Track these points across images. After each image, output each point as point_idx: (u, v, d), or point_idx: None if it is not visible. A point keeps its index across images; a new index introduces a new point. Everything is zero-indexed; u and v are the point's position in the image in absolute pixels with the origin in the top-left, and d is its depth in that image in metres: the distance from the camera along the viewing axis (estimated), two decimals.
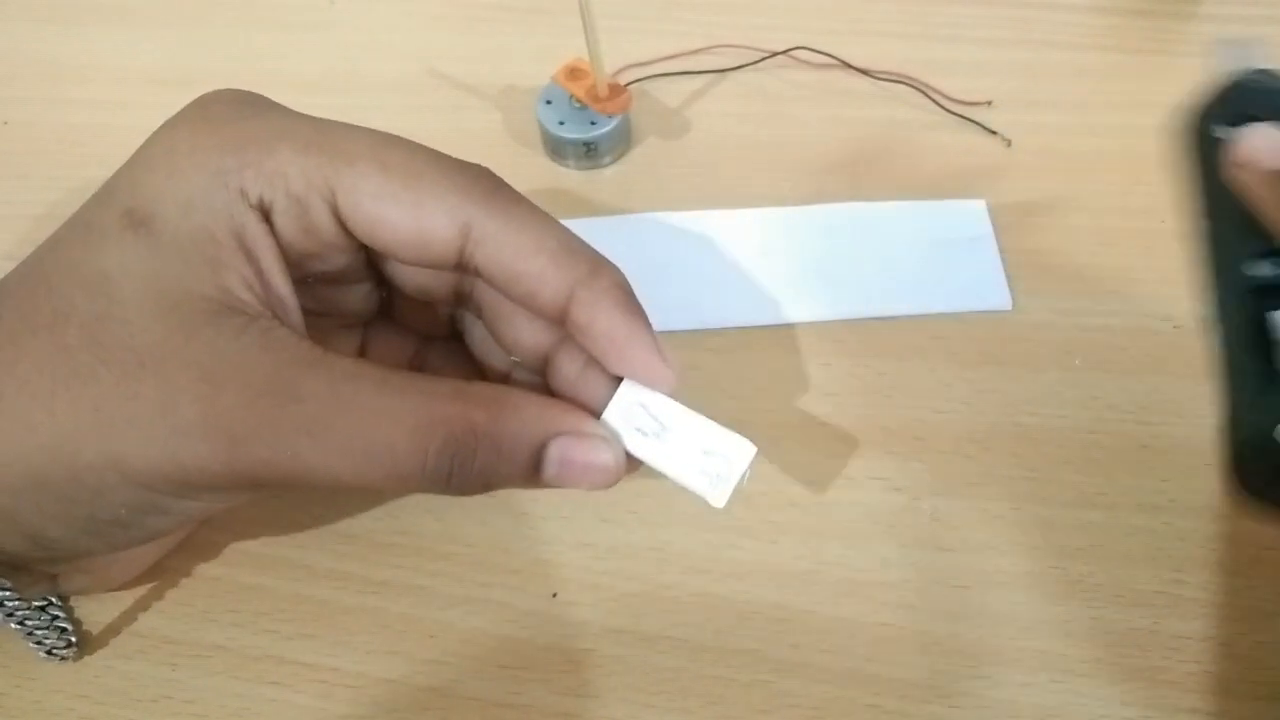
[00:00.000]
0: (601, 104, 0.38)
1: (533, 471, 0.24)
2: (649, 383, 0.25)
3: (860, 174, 0.38)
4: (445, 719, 0.27)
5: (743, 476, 0.25)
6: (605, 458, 0.24)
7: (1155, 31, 0.43)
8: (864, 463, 0.32)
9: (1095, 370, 0.33)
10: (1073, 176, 0.38)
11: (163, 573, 0.30)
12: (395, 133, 0.25)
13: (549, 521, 0.31)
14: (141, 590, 0.29)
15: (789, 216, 0.37)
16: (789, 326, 0.34)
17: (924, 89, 0.41)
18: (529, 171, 0.39)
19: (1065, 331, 0.34)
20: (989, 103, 0.40)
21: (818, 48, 0.41)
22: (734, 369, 0.34)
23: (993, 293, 0.35)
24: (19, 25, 0.45)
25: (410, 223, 0.24)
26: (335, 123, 0.24)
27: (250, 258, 0.23)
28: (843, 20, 0.43)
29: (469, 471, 0.23)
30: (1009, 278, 0.35)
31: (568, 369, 0.26)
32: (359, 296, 0.28)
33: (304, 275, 0.25)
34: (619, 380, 0.25)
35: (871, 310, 0.35)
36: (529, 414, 0.24)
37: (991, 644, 0.28)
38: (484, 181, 0.24)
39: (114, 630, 0.29)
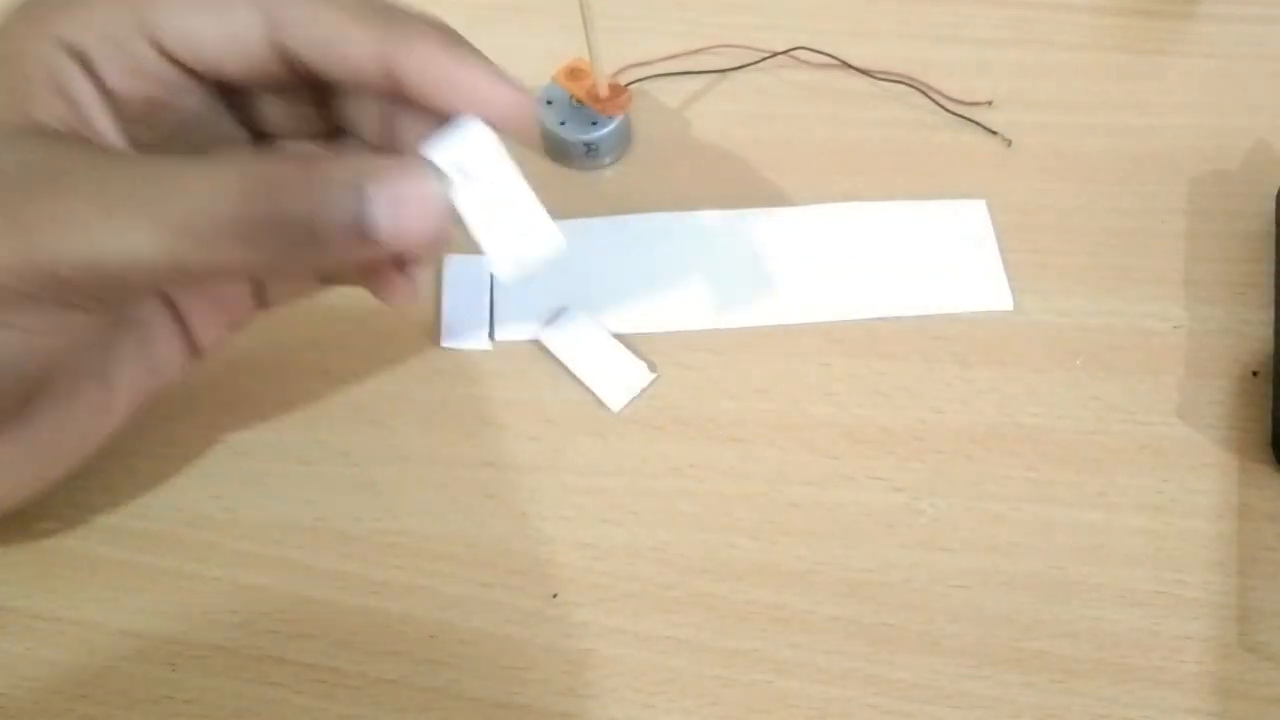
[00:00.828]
0: (602, 104, 0.38)
1: (359, 227, 0.22)
2: (502, 111, 0.24)
3: (860, 174, 0.38)
4: (445, 719, 0.27)
5: (537, 261, 0.24)
6: (435, 187, 0.23)
7: (1155, 31, 0.43)
8: (864, 463, 0.32)
9: (1095, 370, 0.33)
10: (1073, 176, 0.38)
11: (163, 573, 0.30)
12: None
13: (549, 521, 0.31)
14: (142, 591, 0.29)
15: (789, 216, 0.37)
16: (789, 326, 0.34)
17: (924, 89, 0.41)
18: (529, 172, 0.38)
19: (1065, 331, 0.34)
20: (989, 103, 0.40)
21: (818, 48, 0.41)
22: (734, 369, 0.34)
23: (994, 292, 0.35)
24: None
25: (217, 28, 0.24)
26: None
27: (70, 102, 0.23)
28: (843, 20, 0.43)
29: (284, 224, 0.22)
30: (1009, 278, 0.35)
31: None
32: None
33: (164, 129, 0.25)
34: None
35: (872, 311, 0.35)
36: (346, 160, 0.23)
37: (991, 644, 0.28)
38: None
39: (114, 631, 0.29)
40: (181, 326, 0.28)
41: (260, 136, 0.28)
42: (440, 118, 0.24)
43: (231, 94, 0.26)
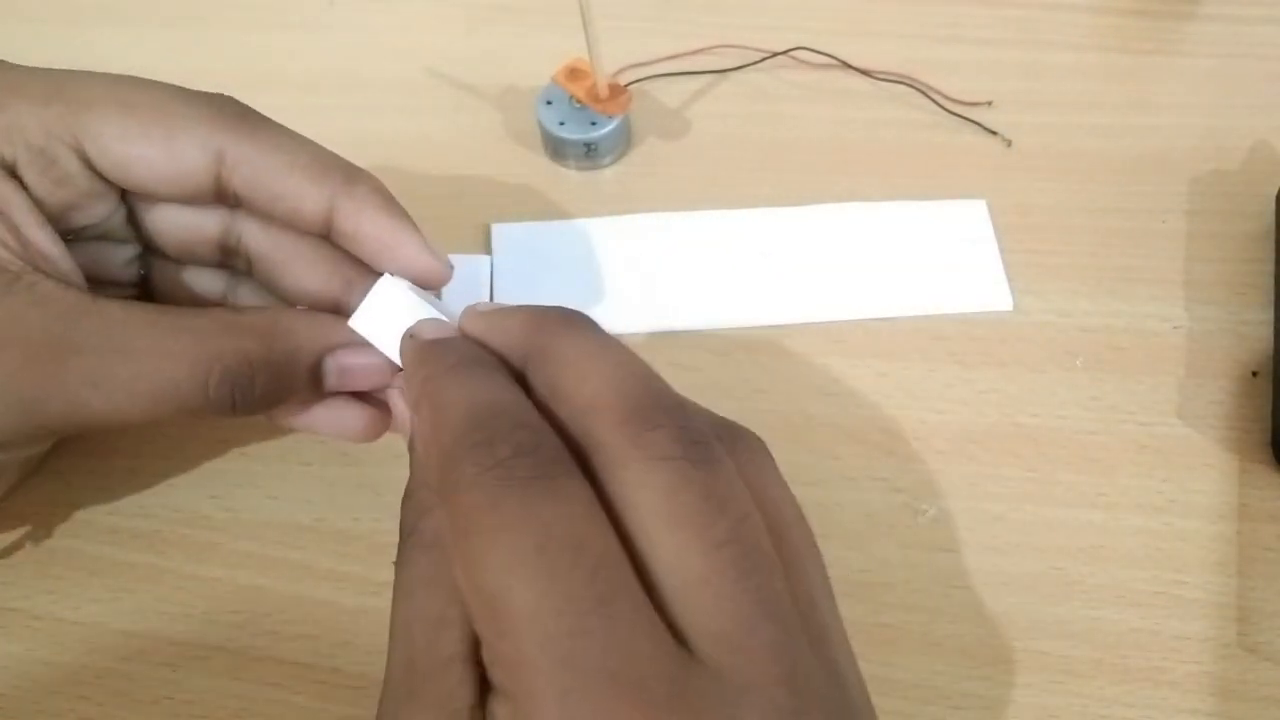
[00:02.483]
0: (602, 104, 0.38)
1: (316, 385, 0.25)
2: (422, 275, 0.26)
3: (860, 174, 0.38)
4: None
5: None
6: (379, 357, 0.25)
7: (1155, 31, 0.43)
8: (864, 463, 0.32)
9: (1095, 370, 0.33)
10: (1073, 176, 0.38)
11: (163, 574, 0.30)
12: (394, 133, 0.25)
13: None
14: (142, 591, 0.29)
15: (789, 217, 0.37)
16: (789, 326, 0.34)
17: (924, 89, 0.41)
18: (529, 171, 0.39)
19: (1065, 331, 0.34)
20: (989, 103, 0.40)
21: (818, 48, 0.41)
22: (734, 369, 0.34)
23: (994, 293, 0.35)
24: (18, 25, 0.45)
25: (163, 157, 0.24)
26: (72, 71, 0.25)
27: (2, 216, 0.24)
28: (843, 20, 0.43)
29: (251, 398, 0.24)
30: (1009, 278, 0.35)
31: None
32: (126, 258, 0.28)
33: (70, 228, 0.26)
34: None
35: (873, 311, 0.35)
36: (302, 335, 0.25)
37: (991, 644, 0.28)
38: (230, 107, 0.25)
39: (114, 631, 0.29)
40: None
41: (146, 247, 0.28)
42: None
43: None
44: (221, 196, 0.26)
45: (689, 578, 0.17)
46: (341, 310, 0.27)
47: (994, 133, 0.39)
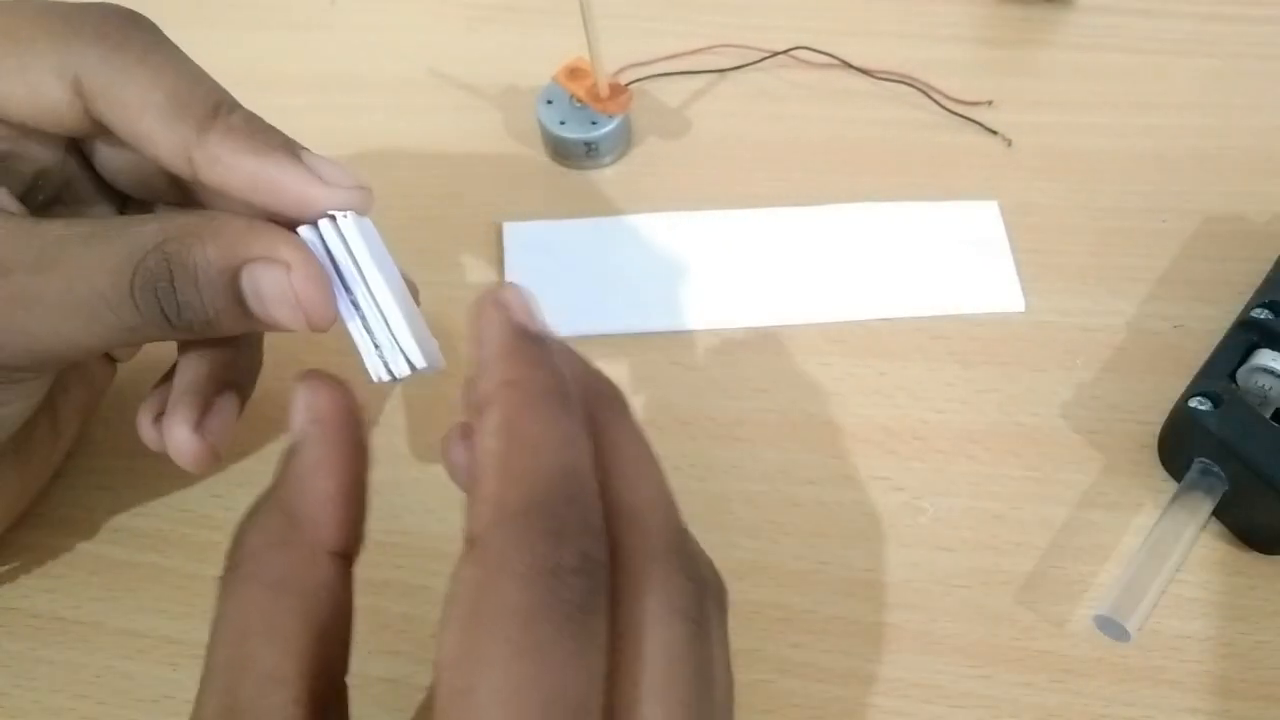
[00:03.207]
0: (602, 104, 0.38)
1: (241, 305, 0.22)
2: (317, 208, 0.22)
3: (860, 174, 0.38)
4: None
5: (406, 378, 0.23)
6: (302, 289, 0.22)
7: (1155, 31, 0.43)
8: (864, 463, 0.32)
9: (1095, 370, 0.33)
10: (1073, 176, 0.38)
11: (164, 573, 0.30)
12: (395, 133, 0.25)
13: None
14: (142, 590, 0.29)
15: (789, 216, 0.37)
16: (789, 327, 0.34)
17: (924, 89, 0.41)
18: (529, 171, 0.39)
19: (1066, 331, 0.34)
20: (989, 103, 0.40)
21: (818, 48, 0.41)
22: (734, 369, 0.34)
23: (1006, 294, 0.35)
24: None
25: (21, 90, 0.22)
26: None
27: None
28: (843, 20, 0.43)
29: (175, 306, 0.22)
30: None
31: None
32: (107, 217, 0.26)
33: (25, 182, 0.24)
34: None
35: (884, 312, 0.35)
36: (224, 238, 0.22)
37: (991, 644, 0.28)
38: (91, 26, 0.22)
39: (115, 630, 0.29)
40: None
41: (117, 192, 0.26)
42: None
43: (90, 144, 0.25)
44: (100, 126, 0.23)
45: None
46: None
47: (994, 132, 0.39)
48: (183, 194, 0.26)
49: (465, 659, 0.16)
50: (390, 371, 0.23)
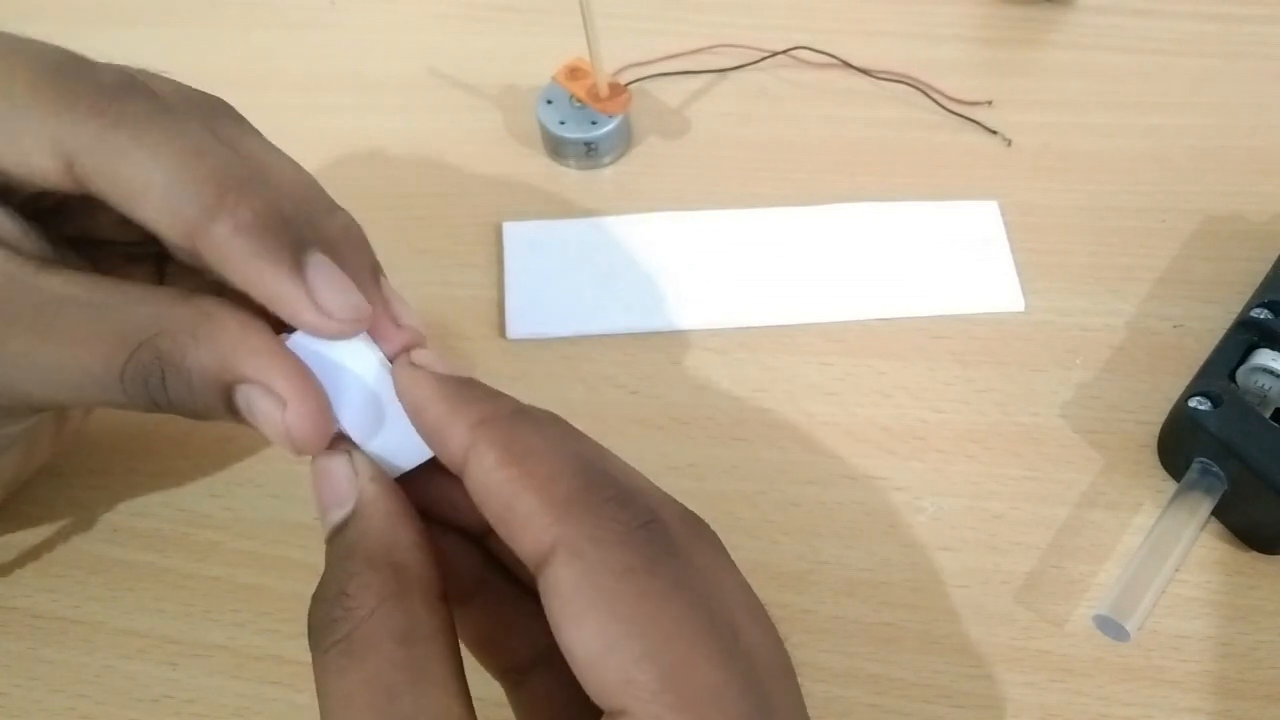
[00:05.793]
0: (602, 104, 0.38)
1: (233, 410, 0.21)
2: (313, 328, 0.21)
3: (860, 173, 0.38)
4: None
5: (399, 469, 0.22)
6: (296, 427, 0.21)
7: (1155, 31, 0.43)
8: (864, 462, 0.32)
9: (1095, 370, 0.33)
10: (1073, 176, 0.38)
11: (163, 572, 0.30)
12: (395, 132, 0.24)
13: None
14: (142, 590, 0.29)
15: (790, 216, 0.37)
16: (789, 327, 0.35)
17: (924, 89, 0.41)
18: (529, 171, 0.39)
19: (1066, 331, 0.34)
20: (989, 103, 0.40)
21: (818, 48, 0.41)
22: (734, 369, 0.34)
23: (1005, 294, 0.35)
24: (18, 26, 0.45)
25: (13, 156, 0.21)
26: None
27: None
28: (843, 20, 0.43)
29: (165, 399, 0.21)
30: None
31: None
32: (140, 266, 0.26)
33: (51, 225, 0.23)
34: None
35: (884, 312, 0.35)
36: (220, 346, 0.21)
37: (991, 644, 0.28)
38: (86, 101, 0.21)
39: (115, 630, 0.29)
40: None
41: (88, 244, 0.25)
42: None
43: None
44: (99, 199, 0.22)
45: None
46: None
47: (994, 132, 0.39)
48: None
49: (630, 636, 0.17)
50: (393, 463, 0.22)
